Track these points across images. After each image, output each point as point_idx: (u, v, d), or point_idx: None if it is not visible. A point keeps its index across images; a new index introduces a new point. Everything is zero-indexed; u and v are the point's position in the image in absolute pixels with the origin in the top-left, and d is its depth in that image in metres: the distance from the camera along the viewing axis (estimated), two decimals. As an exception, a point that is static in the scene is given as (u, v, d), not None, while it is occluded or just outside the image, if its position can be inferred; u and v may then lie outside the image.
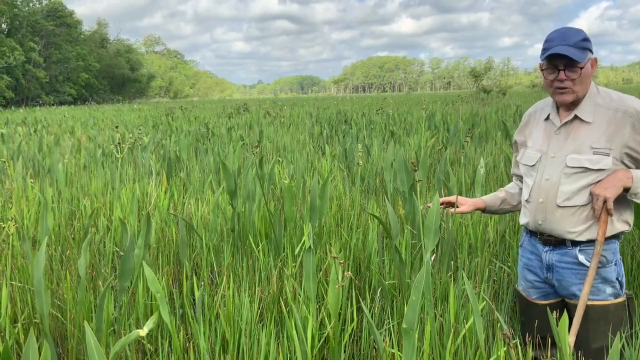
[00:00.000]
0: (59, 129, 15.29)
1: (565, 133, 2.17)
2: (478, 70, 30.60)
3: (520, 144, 2.40)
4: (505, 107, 17.67)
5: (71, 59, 65.99)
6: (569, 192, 2.12)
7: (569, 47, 2.06)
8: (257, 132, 11.00)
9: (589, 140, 2.09)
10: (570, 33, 2.10)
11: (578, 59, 2.04)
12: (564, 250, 2.19)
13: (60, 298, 3.02)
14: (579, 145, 2.11)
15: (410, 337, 1.95)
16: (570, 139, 2.14)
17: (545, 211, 2.18)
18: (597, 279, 2.14)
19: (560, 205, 2.14)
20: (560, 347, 1.93)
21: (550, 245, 2.22)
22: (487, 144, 8.76)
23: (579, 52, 2.05)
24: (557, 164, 2.16)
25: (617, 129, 2.05)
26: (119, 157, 6.45)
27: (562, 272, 2.20)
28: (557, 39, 2.09)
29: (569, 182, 2.12)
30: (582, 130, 2.12)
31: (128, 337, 1.92)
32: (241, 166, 6.09)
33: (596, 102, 2.13)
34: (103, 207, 4.79)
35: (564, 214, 2.14)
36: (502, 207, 2.52)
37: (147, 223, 2.80)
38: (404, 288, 2.80)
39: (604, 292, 2.15)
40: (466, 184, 5.47)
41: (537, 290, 2.34)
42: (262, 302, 2.84)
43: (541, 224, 2.21)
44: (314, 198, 3.55)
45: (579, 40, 2.07)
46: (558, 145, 2.17)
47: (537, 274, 2.32)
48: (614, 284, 2.17)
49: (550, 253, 2.23)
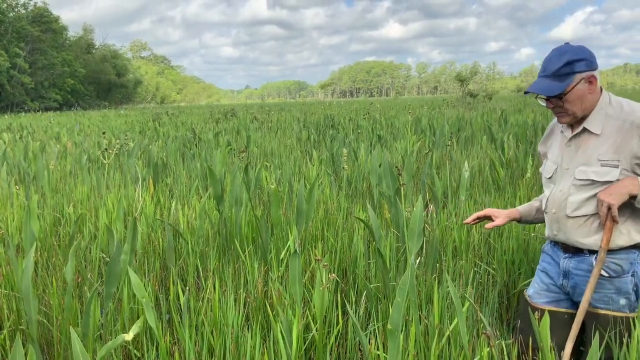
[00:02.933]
0: (45, 135, 15.19)
1: (575, 145, 2.19)
2: (464, 74, 30.76)
3: (543, 155, 2.43)
4: (490, 111, 17.81)
5: (57, 64, 65.60)
6: (577, 202, 2.14)
7: (546, 79, 2.12)
8: (245, 137, 11.00)
9: (596, 153, 2.10)
10: (553, 60, 2.12)
11: (551, 94, 2.09)
12: (581, 257, 2.20)
13: (47, 304, 3.01)
14: (588, 157, 2.12)
15: (396, 338, 1.98)
16: (580, 151, 2.16)
17: (559, 221, 2.21)
18: (611, 289, 2.13)
19: (570, 215, 2.16)
20: (542, 347, 1.96)
21: (569, 252, 2.23)
22: (473, 147, 8.83)
23: (556, 83, 2.09)
24: (568, 175, 2.18)
25: (624, 140, 2.05)
26: (105, 162, 6.43)
27: (577, 280, 2.20)
28: (543, 67, 2.15)
29: (578, 193, 2.14)
30: (591, 142, 2.13)
31: (114, 342, 1.93)
32: (227, 171, 6.09)
33: (607, 113, 2.13)
34: (89, 214, 4.77)
35: (575, 224, 2.16)
36: (537, 216, 2.51)
37: (134, 229, 2.81)
38: (389, 291, 2.83)
39: (617, 302, 2.14)
40: (452, 188, 5.52)
41: (550, 293, 2.33)
42: (248, 306, 2.85)
43: (556, 234, 2.24)
44: (300, 202, 3.57)
45: (561, 66, 2.09)
46: (570, 157, 2.19)
47: (553, 279, 2.32)
48: (629, 295, 2.14)
49: (569, 260, 2.24)
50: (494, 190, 5.48)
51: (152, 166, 6.40)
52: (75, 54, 72.18)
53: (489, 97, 28.12)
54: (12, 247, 2.92)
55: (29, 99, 61.28)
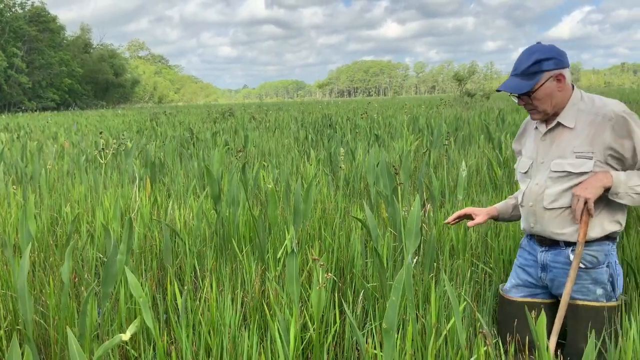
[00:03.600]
0: (42, 135, 15.16)
1: (550, 139, 2.27)
2: (462, 74, 30.82)
3: (517, 152, 2.51)
4: (488, 111, 17.82)
5: (54, 64, 65.51)
6: (554, 194, 2.21)
7: (516, 78, 2.21)
8: (242, 136, 11.00)
9: (571, 145, 2.18)
10: (523, 59, 2.22)
11: (519, 91, 2.18)
12: (557, 250, 2.27)
13: (43, 304, 3.01)
14: (563, 150, 2.20)
15: (391, 337, 1.98)
16: (554, 145, 2.24)
17: (536, 214, 2.28)
18: (588, 280, 2.21)
19: (547, 207, 2.23)
20: (539, 346, 1.96)
21: (546, 246, 2.31)
22: (471, 147, 8.84)
23: (525, 81, 2.18)
24: (544, 169, 2.26)
25: (597, 132, 2.13)
26: (103, 162, 6.42)
27: (555, 272, 2.28)
28: (514, 66, 2.24)
29: (554, 186, 2.21)
30: (565, 135, 2.22)
31: (111, 341, 1.92)
32: (224, 171, 6.09)
33: (579, 108, 2.22)
34: (86, 213, 4.77)
35: (552, 216, 2.23)
36: (514, 213, 2.59)
37: (129, 228, 2.81)
38: (386, 290, 2.83)
39: (594, 292, 2.20)
40: (449, 187, 5.52)
41: (526, 289, 2.41)
42: (246, 305, 2.85)
43: (533, 227, 2.31)
44: (297, 202, 3.57)
45: (529, 65, 2.18)
46: (545, 151, 2.27)
47: (531, 275, 2.39)
48: (605, 285, 2.21)
49: (545, 253, 2.31)
50: (491, 189, 5.48)
51: (150, 166, 6.40)
52: (72, 53, 72.09)
53: (486, 97, 28.13)
54: (9, 247, 2.92)
55: (26, 99, 61.19)
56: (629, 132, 2.11)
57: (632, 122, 2.12)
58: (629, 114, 2.13)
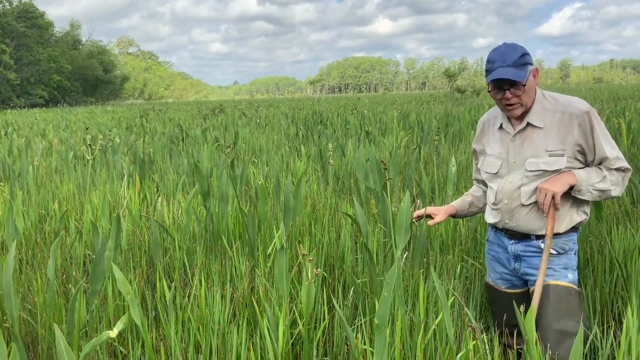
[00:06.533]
0: (30, 132, 15.04)
1: (520, 139, 2.33)
2: (452, 70, 30.90)
3: (480, 152, 2.56)
4: (478, 107, 17.86)
5: (43, 60, 64.94)
6: (531, 191, 2.29)
7: (508, 67, 2.21)
8: (233, 133, 10.96)
9: (543, 144, 2.26)
10: (509, 52, 2.24)
11: (519, 79, 2.19)
12: (528, 242, 2.37)
13: (31, 302, 2.99)
14: (535, 149, 2.27)
15: (382, 333, 1.98)
16: (526, 145, 2.30)
17: (512, 211, 2.35)
18: (560, 264, 2.32)
19: (525, 203, 2.31)
20: (527, 340, 1.97)
21: (516, 239, 2.39)
22: (461, 143, 8.86)
23: (519, 71, 2.20)
24: (517, 167, 2.32)
25: (567, 130, 2.23)
26: (89, 158, 6.37)
27: (529, 260, 2.37)
28: (497, 60, 2.24)
29: (531, 184, 2.29)
30: (535, 135, 2.28)
31: (98, 338, 1.91)
32: (214, 167, 6.07)
33: (544, 107, 2.29)
34: (74, 210, 4.74)
35: (531, 211, 2.31)
36: (470, 210, 2.70)
37: (117, 224, 2.79)
38: (376, 285, 2.83)
39: (566, 276, 2.31)
40: (439, 183, 5.53)
41: (505, 281, 2.51)
42: (235, 302, 2.84)
43: (508, 222, 2.38)
44: (287, 198, 3.57)
45: (518, 58, 2.21)
46: (516, 151, 2.33)
47: (504, 266, 2.48)
48: (575, 271, 2.34)
49: (516, 245, 2.40)
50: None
51: (139, 162, 6.36)
52: (61, 49, 71.49)
53: (476, 93, 28.22)
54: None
55: (14, 96, 60.64)
56: (592, 128, 2.21)
57: (594, 119, 2.22)
58: (592, 110, 2.23)
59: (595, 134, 2.21)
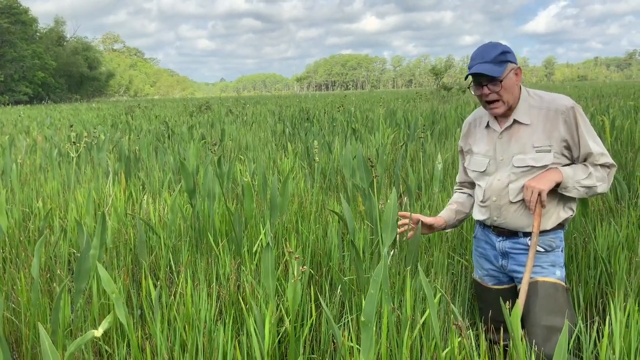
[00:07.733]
0: (14, 129, 14.87)
1: (507, 137, 2.36)
2: (438, 68, 30.95)
3: (466, 151, 2.59)
4: (464, 104, 17.94)
5: (27, 57, 64.25)
6: (519, 188, 2.32)
7: (486, 64, 2.26)
8: (219, 130, 10.92)
9: (530, 141, 2.29)
10: (488, 49, 2.29)
11: (494, 74, 2.23)
12: (515, 239, 2.39)
13: (15, 301, 2.96)
14: (522, 146, 2.30)
15: (369, 330, 1.99)
16: (513, 141, 2.33)
17: (500, 208, 2.37)
18: (547, 262, 2.34)
19: (513, 201, 2.34)
20: (514, 337, 1.98)
21: (504, 236, 2.42)
22: (447, 140, 8.89)
23: (496, 67, 2.25)
24: (505, 165, 2.35)
25: (553, 126, 2.26)
26: (73, 156, 6.32)
27: (517, 258, 2.39)
28: (477, 57, 2.30)
29: (518, 180, 2.31)
30: (522, 132, 2.32)
31: (83, 337, 1.90)
32: (200, 165, 6.04)
33: (530, 104, 2.33)
34: (58, 209, 4.69)
35: (519, 208, 2.34)
36: (458, 217, 2.72)
37: (103, 222, 2.76)
38: (362, 283, 2.83)
39: (554, 273, 2.33)
40: (425, 180, 5.55)
41: (492, 278, 2.54)
42: (221, 300, 2.83)
43: (496, 220, 2.41)
44: (274, 195, 3.56)
45: (497, 55, 2.26)
46: (503, 149, 2.36)
47: (492, 263, 2.50)
48: (562, 268, 2.36)
49: (504, 242, 2.42)
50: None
51: (124, 160, 6.31)
52: (45, 46, 70.80)
53: (462, 91, 28.30)
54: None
55: (-2, 92, 59.97)
56: (577, 124, 2.25)
57: (578, 115, 2.25)
58: (577, 107, 2.27)
59: (580, 130, 2.25)
